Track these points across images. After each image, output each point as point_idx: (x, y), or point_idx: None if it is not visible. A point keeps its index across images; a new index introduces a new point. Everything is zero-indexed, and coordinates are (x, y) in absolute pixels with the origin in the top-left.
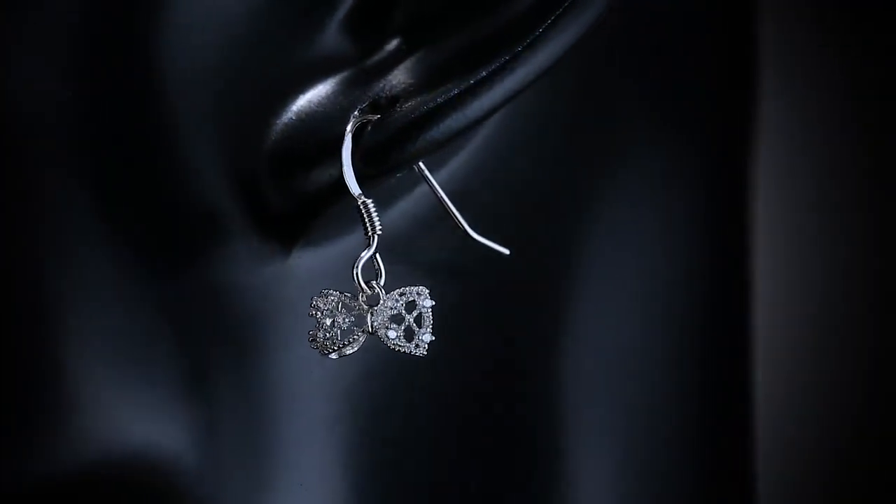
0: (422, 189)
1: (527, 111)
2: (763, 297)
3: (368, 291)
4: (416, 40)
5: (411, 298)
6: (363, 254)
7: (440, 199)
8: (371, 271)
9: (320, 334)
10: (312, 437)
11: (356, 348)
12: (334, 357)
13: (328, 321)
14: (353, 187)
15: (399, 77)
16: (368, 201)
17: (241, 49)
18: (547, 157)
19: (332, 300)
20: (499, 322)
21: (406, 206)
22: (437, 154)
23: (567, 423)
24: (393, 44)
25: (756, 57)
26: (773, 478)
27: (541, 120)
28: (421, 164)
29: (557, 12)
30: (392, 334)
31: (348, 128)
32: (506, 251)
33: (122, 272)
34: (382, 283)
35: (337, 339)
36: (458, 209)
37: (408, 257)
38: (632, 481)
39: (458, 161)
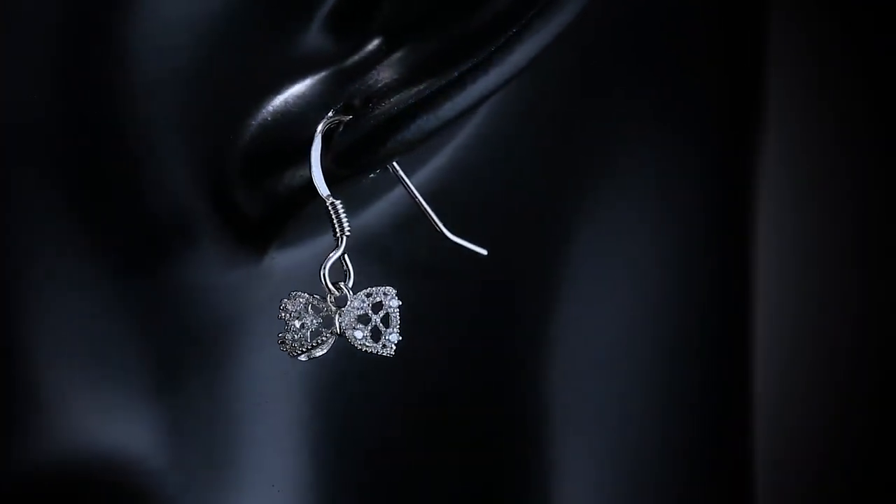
0: (402, 189)
1: (514, 109)
2: (765, 300)
3: (336, 293)
4: (397, 40)
5: (378, 299)
6: (331, 255)
7: (415, 200)
8: (340, 272)
9: (289, 336)
10: (282, 439)
11: (325, 350)
12: (304, 359)
13: (297, 323)
14: (322, 188)
15: (378, 77)
16: (337, 202)
17: (215, 50)
18: (534, 156)
19: (301, 302)
20: (484, 322)
21: (384, 206)
22: (414, 153)
23: (555, 421)
24: (374, 43)
25: (761, 58)
26: (774, 480)
27: (528, 118)
28: (395, 164)
29: (532, 13)
30: (359, 335)
31: (319, 128)
32: (483, 251)
33: (89, 273)
34: (351, 284)
35: (306, 340)
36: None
37: (387, 258)
38: (620, 480)
39: (442, 159)
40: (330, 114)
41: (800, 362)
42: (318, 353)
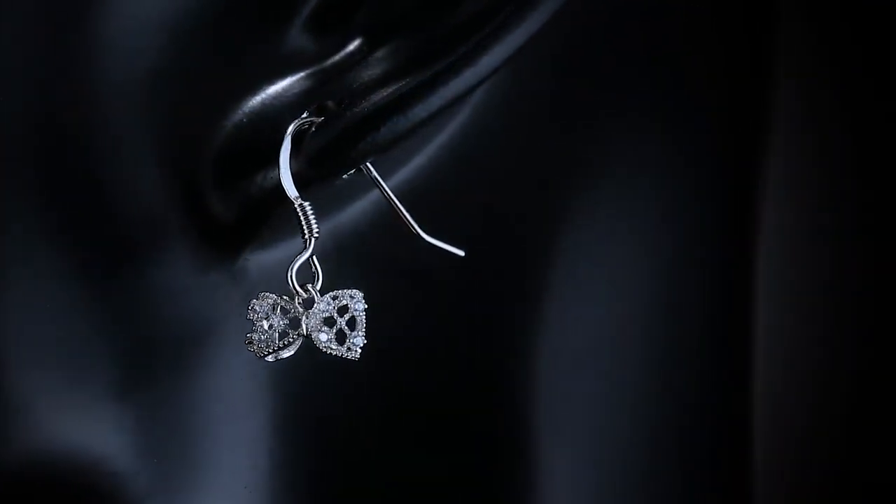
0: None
1: (496, 109)
2: (764, 307)
3: (304, 294)
4: (378, 40)
5: (344, 302)
6: (299, 257)
7: (390, 201)
8: (309, 274)
9: (256, 336)
10: (253, 441)
11: (293, 352)
12: (270, 360)
13: (264, 324)
14: (290, 190)
15: (358, 78)
16: (306, 204)
17: (189, 50)
18: (517, 156)
19: (269, 303)
20: (465, 323)
21: (365, 206)
22: (389, 154)
23: (539, 425)
24: (355, 44)
25: (766, 58)
26: (772, 488)
27: (511, 118)
28: (370, 165)
29: (505, 13)
30: (323, 337)
31: (289, 130)
32: (460, 252)
33: (57, 274)
34: (319, 286)
35: (273, 341)
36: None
37: (368, 259)
38: (607, 484)
39: (422, 159)
40: (304, 114)
41: (800, 367)
42: (285, 354)
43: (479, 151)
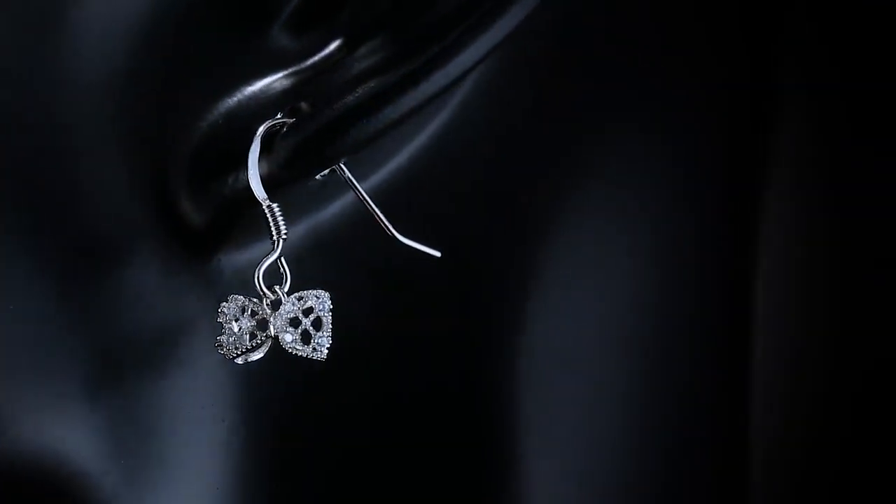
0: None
1: (483, 108)
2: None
3: (271, 296)
4: (357, 41)
5: (309, 303)
6: (266, 258)
7: (364, 202)
8: (278, 275)
9: (225, 339)
10: (224, 442)
11: (262, 353)
12: (240, 361)
13: (233, 325)
14: (258, 192)
15: (336, 78)
16: (274, 205)
17: (161, 53)
18: (502, 156)
19: (237, 304)
20: (447, 324)
21: (344, 205)
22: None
23: (522, 425)
24: (335, 45)
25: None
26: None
27: (498, 118)
28: (343, 166)
29: (476, 17)
30: (288, 338)
31: (259, 131)
32: (436, 253)
33: (26, 275)
34: (287, 287)
35: (241, 343)
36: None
37: (348, 259)
38: (589, 486)
39: (402, 159)
40: (279, 115)
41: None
42: (255, 356)
43: (461, 151)
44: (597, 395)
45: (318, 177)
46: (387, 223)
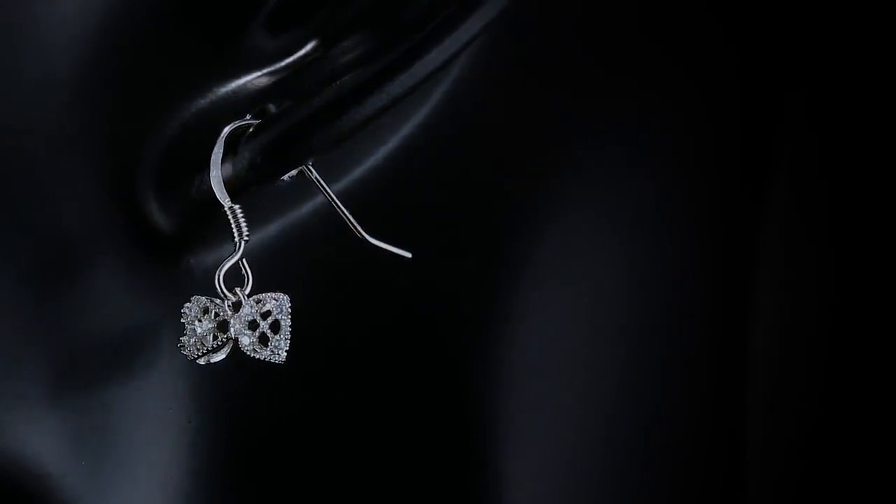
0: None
1: (458, 112)
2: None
3: (232, 298)
4: (333, 42)
5: (267, 306)
6: (228, 259)
7: (333, 203)
8: (240, 277)
9: (187, 340)
10: (185, 444)
11: (224, 355)
12: (202, 363)
13: (196, 327)
14: (220, 193)
15: (311, 79)
16: (236, 207)
17: (129, 53)
18: (480, 156)
19: (199, 306)
20: (422, 324)
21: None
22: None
23: (501, 427)
24: (310, 45)
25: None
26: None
27: (474, 119)
28: (311, 168)
29: (439, 19)
30: (245, 340)
31: (223, 133)
32: (407, 254)
33: None
34: (249, 289)
35: (204, 344)
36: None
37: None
38: (567, 484)
39: (377, 159)
40: (249, 117)
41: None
42: (217, 357)
43: (439, 149)
44: (581, 394)
45: (285, 178)
46: (356, 224)
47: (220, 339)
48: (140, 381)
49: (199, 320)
